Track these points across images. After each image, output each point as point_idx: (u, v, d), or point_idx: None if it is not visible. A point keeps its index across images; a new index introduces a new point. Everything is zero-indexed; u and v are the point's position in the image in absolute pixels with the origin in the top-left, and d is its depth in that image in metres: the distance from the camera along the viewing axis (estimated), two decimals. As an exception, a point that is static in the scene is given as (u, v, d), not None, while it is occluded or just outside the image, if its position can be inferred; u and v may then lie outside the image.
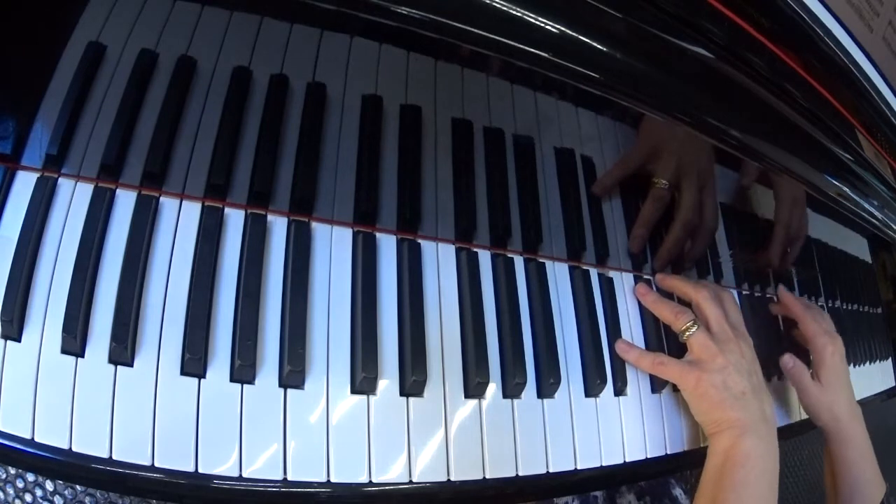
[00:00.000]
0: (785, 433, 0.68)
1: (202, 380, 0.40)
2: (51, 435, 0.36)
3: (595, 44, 0.40)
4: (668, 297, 0.62)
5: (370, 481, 0.42)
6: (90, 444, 0.36)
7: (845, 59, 0.50)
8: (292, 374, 0.42)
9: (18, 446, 0.36)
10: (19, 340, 0.37)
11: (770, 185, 0.61)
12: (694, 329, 0.57)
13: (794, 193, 0.62)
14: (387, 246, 0.49)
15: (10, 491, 0.55)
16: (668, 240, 0.60)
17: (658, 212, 0.57)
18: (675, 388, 0.59)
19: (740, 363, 0.55)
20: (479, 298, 0.51)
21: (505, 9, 0.37)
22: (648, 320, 0.61)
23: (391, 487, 0.43)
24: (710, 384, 0.54)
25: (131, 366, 0.39)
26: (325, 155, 0.46)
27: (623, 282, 0.61)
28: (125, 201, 0.43)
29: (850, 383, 0.67)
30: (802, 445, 0.62)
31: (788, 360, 0.67)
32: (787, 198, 0.63)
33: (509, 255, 0.54)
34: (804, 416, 0.70)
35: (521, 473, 0.47)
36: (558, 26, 0.38)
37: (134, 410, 0.38)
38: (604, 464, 0.53)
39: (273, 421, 0.41)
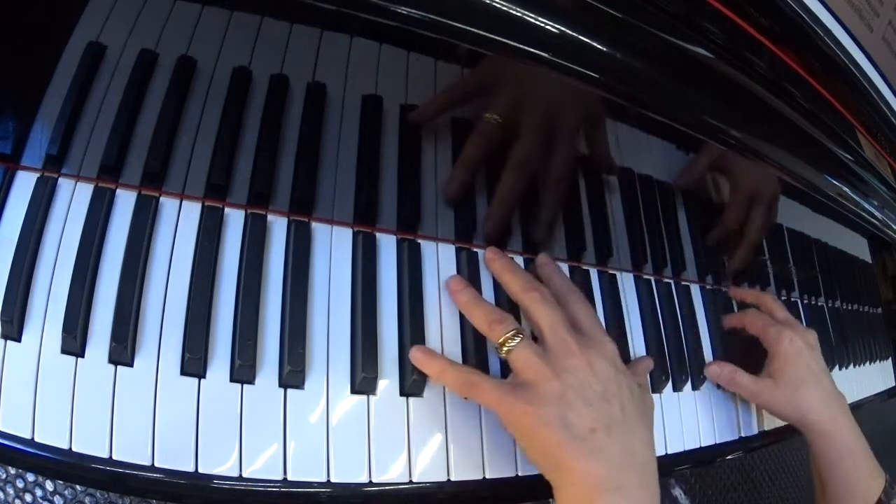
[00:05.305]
0: (784, 433, 0.68)
1: (202, 380, 0.40)
2: (51, 435, 0.36)
3: (595, 44, 0.40)
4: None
5: (370, 481, 0.42)
6: (90, 444, 0.36)
7: (845, 59, 0.51)
8: (292, 374, 0.42)
9: (18, 446, 0.35)
10: (19, 340, 0.37)
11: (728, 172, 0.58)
12: (516, 342, 0.42)
13: (757, 184, 0.59)
14: (387, 246, 0.49)
15: (10, 491, 0.55)
16: (498, 190, 0.48)
17: (479, 149, 0.47)
18: (677, 388, 0.59)
19: (587, 386, 0.41)
20: (479, 298, 0.51)
21: (505, 9, 0.37)
22: (649, 320, 0.60)
23: (391, 487, 0.43)
24: (540, 420, 0.39)
25: (131, 366, 0.39)
26: (325, 155, 0.46)
27: (623, 282, 0.61)
28: (125, 201, 0.43)
29: (821, 374, 0.58)
30: (802, 445, 0.61)
31: (715, 368, 0.59)
32: (746, 187, 0.58)
33: (509, 256, 0.54)
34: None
35: (521, 473, 0.47)
36: (558, 26, 0.38)
37: (134, 410, 0.38)
38: (604, 464, 0.52)
39: (273, 421, 0.41)
